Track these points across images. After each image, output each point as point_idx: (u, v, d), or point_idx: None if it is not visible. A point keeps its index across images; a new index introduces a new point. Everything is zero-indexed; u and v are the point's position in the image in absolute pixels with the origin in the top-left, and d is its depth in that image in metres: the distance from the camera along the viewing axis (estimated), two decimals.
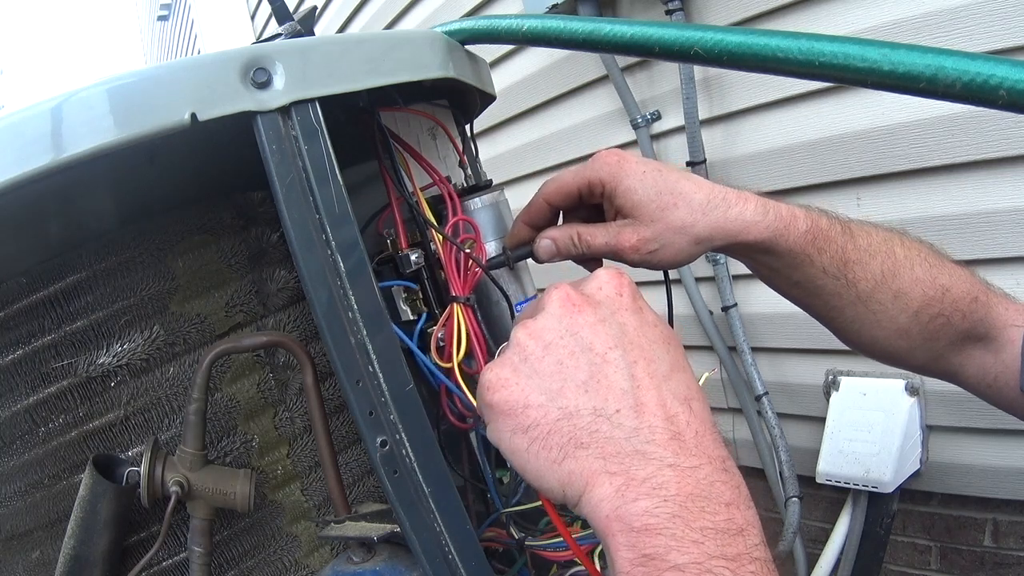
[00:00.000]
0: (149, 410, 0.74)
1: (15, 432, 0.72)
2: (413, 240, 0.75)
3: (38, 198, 0.57)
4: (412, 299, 0.77)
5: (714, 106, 1.57)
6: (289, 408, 0.82)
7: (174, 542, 0.76)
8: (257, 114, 0.52)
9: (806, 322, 1.56)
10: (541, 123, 2.07)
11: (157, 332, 0.73)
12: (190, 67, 0.52)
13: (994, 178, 1.19)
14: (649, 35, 0.64)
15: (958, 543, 1.46)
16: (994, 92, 0.49)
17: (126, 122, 0.50)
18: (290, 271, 0.81)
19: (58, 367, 0.71)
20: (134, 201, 0.72)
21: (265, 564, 0.82)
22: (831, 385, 1.52)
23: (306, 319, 0.83)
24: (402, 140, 0.76)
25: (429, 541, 0.59)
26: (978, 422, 1.33)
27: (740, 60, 0.60)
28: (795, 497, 1.59)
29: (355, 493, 0.88)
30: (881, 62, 0.54)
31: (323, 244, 0.55)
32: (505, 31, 0.74)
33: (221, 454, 0.78)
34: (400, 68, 0.61)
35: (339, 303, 0.55)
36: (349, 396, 0.56)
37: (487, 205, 0.76)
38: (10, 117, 0.51)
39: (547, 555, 0.72)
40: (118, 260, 0.71)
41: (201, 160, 0.67)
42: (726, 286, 1.65)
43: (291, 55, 0.54)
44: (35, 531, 0.75)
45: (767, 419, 1.65)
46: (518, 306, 0.76)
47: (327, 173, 0.55)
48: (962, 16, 1.15)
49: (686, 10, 1.54)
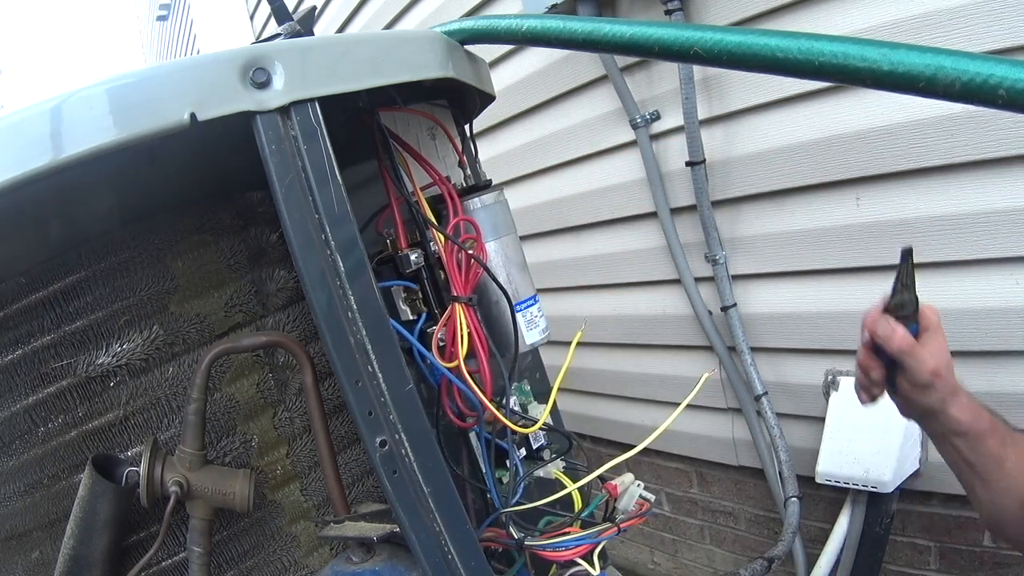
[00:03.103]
0: (148, 410, 0.74)
1: (14, 432, 0.72)
2: (412, 240, 0.75)
3: (38, 198, 0.57)
4: (412, 299, 0.77)
5: (713, 106, 1.57)
6: (288, 408, 0.82)
7: (173, 542, 0.76)
8: (256, 114, 0.52)
9: (805, 322, 1.56)
10: (540, 123, 2.06)
11: (156, 332, 0.73)
12: (189, 67, 0.52)
13: (993, 178, 1.19)
14: (648, 35, 0.64)
15: (957, 543, 1.46)
16: (993, 92, 0.49)
17: (126, 122, 0.50)
18: (289, 271, 0.81)
19: (57, 367, 0.71)
20: (134, 201, 0.72)
21: (265, 564, 0.82)
22: (830, 385, 1.52)
23: (305, 319, 0.83)
24: (402, 140, 0.76)
25: (428, 541, 0.59)
26: None
27: (739, 60, 0.60)
28: (794, 497, 1.59)
29: (354, 493, 0.88)
30: (880, 62, 0.54)
31: (323, 244, 0.55)
32: (504, 31, 0.74)
33: (220, 454, 0.78)
34: (400, 68, 0.61)
35: (338, 303, 0.55)
36: (348, 396, 0.56)
37: (487, 205, 0.76)
38: (10, 117, 0.51)
39: (546, 555, 0.72)
40: (118, 260, 0.71)
41: (200, 160, 0.67)
42: (726, 286, 1.65)
43: (290, 55, 0.54)
44: (35, 531, 0.75)
45: (766, 419, 1.64)
46: (518, 306, 0.76)
47: (327, 173, 0.55)
48: (962, 16, 1.15)
49: (685, 10, 1.53)
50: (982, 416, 0.77)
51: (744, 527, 1.96)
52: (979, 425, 0.76)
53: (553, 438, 0.88)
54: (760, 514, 1.90)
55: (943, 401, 0.75)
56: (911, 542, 1.55)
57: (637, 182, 1.79)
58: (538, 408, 0.90)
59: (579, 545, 0.71)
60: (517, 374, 0.92)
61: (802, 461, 1.63)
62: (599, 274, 2.04)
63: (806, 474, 1.61)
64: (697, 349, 1.84)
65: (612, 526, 0.72)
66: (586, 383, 2.26)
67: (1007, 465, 0.76)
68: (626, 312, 2.01)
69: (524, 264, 0.79)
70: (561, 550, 0.71)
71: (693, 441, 1.98)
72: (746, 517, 1.95)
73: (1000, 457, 0.76)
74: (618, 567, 2.22)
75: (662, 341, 1.93)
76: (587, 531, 0.72)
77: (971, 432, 0.75)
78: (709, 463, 1.99)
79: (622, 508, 0.76)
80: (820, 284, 1.51)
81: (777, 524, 1.82)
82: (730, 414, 1.84)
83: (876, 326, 0.74)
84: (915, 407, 0.78)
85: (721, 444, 1.89)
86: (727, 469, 1.94)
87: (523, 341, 0.76)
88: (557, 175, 2.09)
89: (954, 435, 0.76)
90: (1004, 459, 0.76)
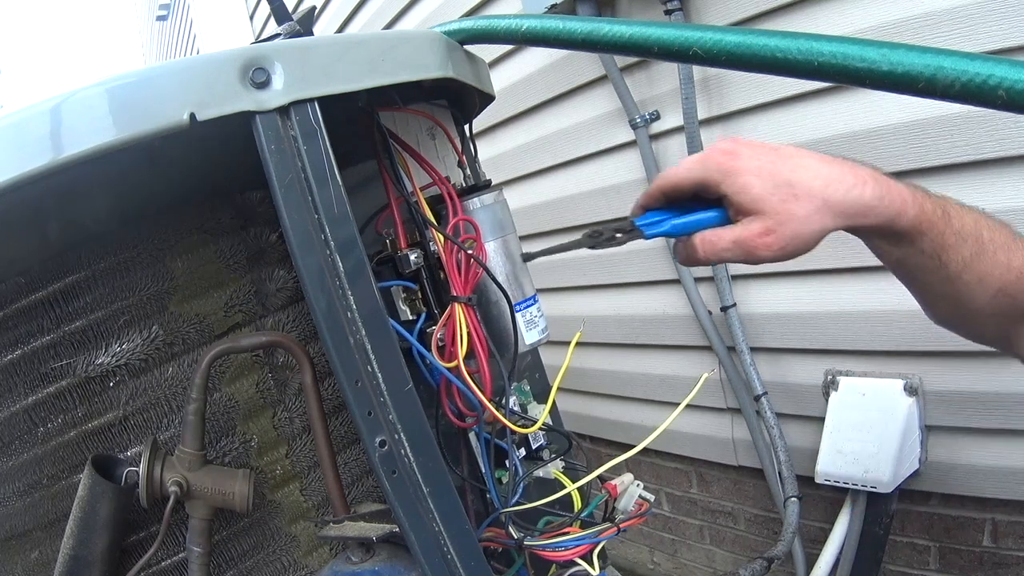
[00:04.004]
0: (148, 410, 0.74)
1: (14, 432, 0.72)
2: (412, 240, 0.75)
3: (38, 198, 0.57)
4: (411, 299, 0.77)
5: (713, 106, 1.57)
6: (288, 408, 0.82)
7: (173, 542, 0.76)
8: (256, 114, 0.52)
9: (805, 322, 1.56)
10: (540, 123, 2.06)
11: (156, 332, 0.73)
12: (189, 67, 0.52)
13: (993, 178, 1.19)
14: (648, 35, 0.64)
15: (957, 543, 1.46)
16: (993, 92, 0.49)
17: (125, 122, 0.50)
18: (289, 271, 0.81)
19: (57, 367, 0.71)
20: (133, 201, 0.72)
21: (264, 564, 0.82)
22: (830, 385, 1.52)
23: (305, 319, 0.83)
24: (401, 140, 0.75)
25: (428, 541, 0.59)
26: (977, 422, 1.33)
27: (739, 60, 0.60)
28: (794, 497, 1.59)
29: (354, 493, 0.88)
30: (880, 62, 0.54)
31: (322, 244, 0.55)
32: (504, 31, 0.74)
33: (220, 454, 0.78)
34: (399, 68, 0.61)
35: (338, 303, 0.55)
36: (348, 396, 0.56)
37: (487, 205, 0.76)
38: (10, 117, 0.51)
39: (546, 555, 0.72)
40: (117, 260, 0.71)
41: (200, 160, 0.67)
42: (725, 286, 1.65)
43: (290, 55, 0.54)
44: (34, 531, 0.75)
45: (766, 419, 1.64)
46: (518, 306, 0.76)
47: (326, 173, 0.55)
48: (962, 16, 1.15)
49: (685, 10, 1.53)
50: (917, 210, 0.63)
51: (744, 527, 1.96)
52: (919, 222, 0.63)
53: (553, 438, 0.88)
54: (760, 514, 1.90)
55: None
56: (911, 542, 1.55)
57: (637, 182, 1.79)
58: (538, 408, 0.90)
59: (578, 545, 0.71)
60: (517, 374, 0.92)
61: (802, 461, 1.63)
62: (599, 274, 2.04)
63: (806, 474, 1.61)
64: (696, 349, 1.84)
65: (611, 526, 0.72)
66: (586, 383, 2.26)
67: (951, 268, 0.65)
68: (626, 312, 2.01)
69: (524, 264, 0.79)
70: (560, 550, 0.71)
71: (692, 441, 1.98)
72: (746, 517, 1.95)
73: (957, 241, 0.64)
74: (618, 567, 2.22)
75: (662, 341, 1.93)
76: (586, 531, 0.72)
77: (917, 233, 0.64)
78: (709, 463, 1.99)
79: (621, 508, 0.76)
80: (820, 284, 1.51)
81: (777, 524, 1.82)
82: (729, 414, 1.84)
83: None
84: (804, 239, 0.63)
85: (720, 444, 1.89)
86: (727, 469, 1.94)
87: (523, 341, 0.76)
88: (557, 175, 2.09)
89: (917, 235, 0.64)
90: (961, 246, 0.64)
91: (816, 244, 0.64)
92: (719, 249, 0.64)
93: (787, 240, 0.62)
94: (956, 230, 0.64)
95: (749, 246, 0.62)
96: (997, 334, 0.71)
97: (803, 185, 0.61)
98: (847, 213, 0.63)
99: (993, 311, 0.67)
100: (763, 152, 0.63)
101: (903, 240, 0.65)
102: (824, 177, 0.62)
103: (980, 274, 0.65)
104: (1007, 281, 0.65)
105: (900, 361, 1.42)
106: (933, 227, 0.64)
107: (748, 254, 0.63)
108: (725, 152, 0.63)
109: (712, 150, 0.64)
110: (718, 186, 0.63)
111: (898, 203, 0.63)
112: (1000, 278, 0.65)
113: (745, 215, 0.62)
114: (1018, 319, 0.68)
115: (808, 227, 0.62)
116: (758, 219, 0.62)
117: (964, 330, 0.74)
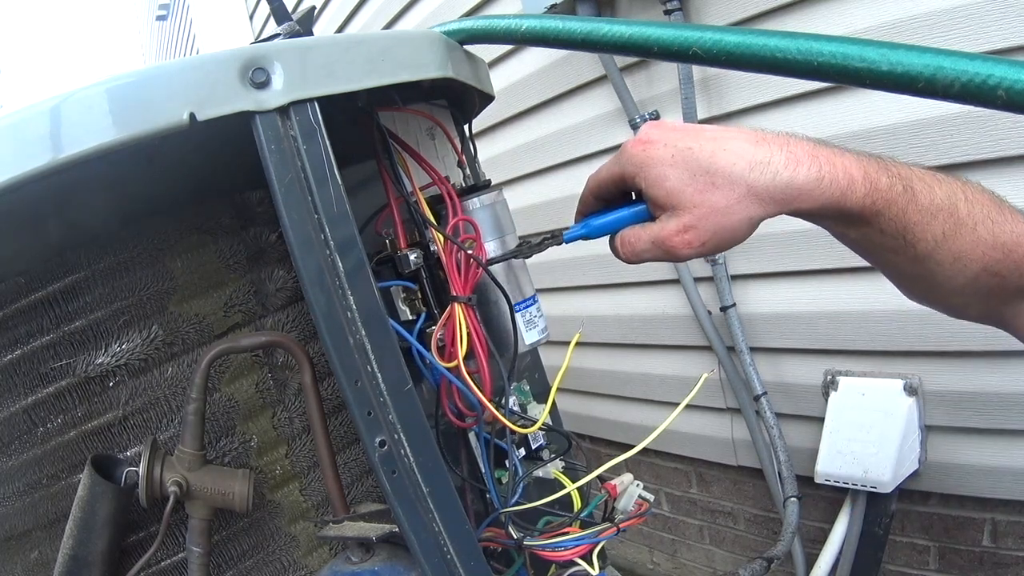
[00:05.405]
0: (147, 410, 0.74)
1: (13, 432, 0.72)
2: (412, 240, 0.75)
3: (38, 198, 0.57)
4: (411, 299, 0.77)
5: (712, 106, 1.57)
6: (288, 408, 0.82)
7: (173, 542, 0.76)
8: (256, 114, 0.52)
9: (805, 322, 1.56)
10: (540, 123, 2.07)
11: (156, 332, 0.73)
12: (189, 67, 0.52)
13: (994, 178, 1.19)
14: (648, 35, 0.64)
15: (957, 543, 1.46)
16: (993, 92, 0.49)
17: (125, 122, 0.50)
18: (288, 271, 0.81)
19: (56, 367, 0.71)
20: (133, 201, 0.72)
21: (264, 564, 0.82)
22: (829, 385, 1.52)
23: (305, 319, 0.83)
24: (401, 140, 0.75)
25: (428, 541, 0.59)
26: (977, 422, 1.33)
27: (739, 60, 0.60)
28: (794, 497, 1.59)
29: (354, 493, 0.88)
30: (880, 62, 0.54)
31: (322, 244, 0.55)
32: (504, 31, 0.74)
33: (220, 454, 0.78)
34: (399, 68, 0.61)
35: (338, 303, 0.55)
36: (348, 396, 0.56)
37: (486, 205, 0.76)
38: (10, 117, 0.51)
39: (546, 555, 0.72)
40: (117, 260, 0.71)
41: (200, 160, 0.67)
42: (725, 286, 1.65)
43: (290, 55, 0.54)
44: (34, 531, 0.75)
45: (766, 419, 1.65)
46: (518, 306, 0.76)
47: (326, 173, 0.55)
48: (962, 16, 1.15)
49: (685, 10, 1.54)
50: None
51: (743, 527, 1.96)
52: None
53: (552, 438, 0.88)
54: (759, 514, 1.90)
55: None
56: (910, 542, 1.55)
57: None
58: (537, 408, 0.90)
59: (578, 545, 0.71)
60: (516, 374, 0.92)
61: (801, 461, 1.64)
62: (598, 274, 2.04)
63: (805, 474, 1.61)
64: (696, 349, 1.84)
65: (611, 526, 0.72)
66: (585, 383, 2.26)
67: (920, 247, 0.58)
68: (625, 312, 2.01)
69: (523, 264, 0.79)
70: (560, 550, 0.71)
71: (692, 441, 1.98)
72: (745, 517, 1.95)
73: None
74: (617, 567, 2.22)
75: (661, 341, 1.93)
76: (586, 531, 0.72)
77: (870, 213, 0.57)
78: (708, 463, 1.99)
79: (621, 508, 0.76)
80: (819, 284, 1.51)
81: (776, 524, 1.82)
82: (729, 414, 1.84)
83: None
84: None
85: (720, 444, 1.89)
86: (726, 469, 1.94)
87: (522, 341, 0.76)
88: (557, 175, 2.09)
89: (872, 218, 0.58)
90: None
91: (748, 234, 0.59)
92: (639, 251, 0.60)
93: (708, 235, 0.57)
94: (922, 206, 0.57)
95: (667, 245, 0.58)
96: (983, 312, 0.64)
97: (723, 172, 0.55)
98: (777, 199, 0.56)
99: (976, 291, 0.60)
100: (680, 138, 0.57)
101: (856, 221, 0.58)
102: (747, 160, 0.56)
103: (956, 253, 0.58)
104: (992, 259, 0.58)
105: (900, 361, 1.43)
106: (891, 205, 0.57)
107: (668, 254, 0.59)
108: (640, 142, 0.58)
109: (629, 141, 0.59)
110: (634, 180, 0.59)
111: (843, 182, 0.56)
112: (982, 256, 0.58)
113: (663, 210, 0.58)
114: (1009, 298, 0.61)
115: (731, 218, 0.56)
116: (675, 215, 0.57)
117: (943, 308, 0.66)
